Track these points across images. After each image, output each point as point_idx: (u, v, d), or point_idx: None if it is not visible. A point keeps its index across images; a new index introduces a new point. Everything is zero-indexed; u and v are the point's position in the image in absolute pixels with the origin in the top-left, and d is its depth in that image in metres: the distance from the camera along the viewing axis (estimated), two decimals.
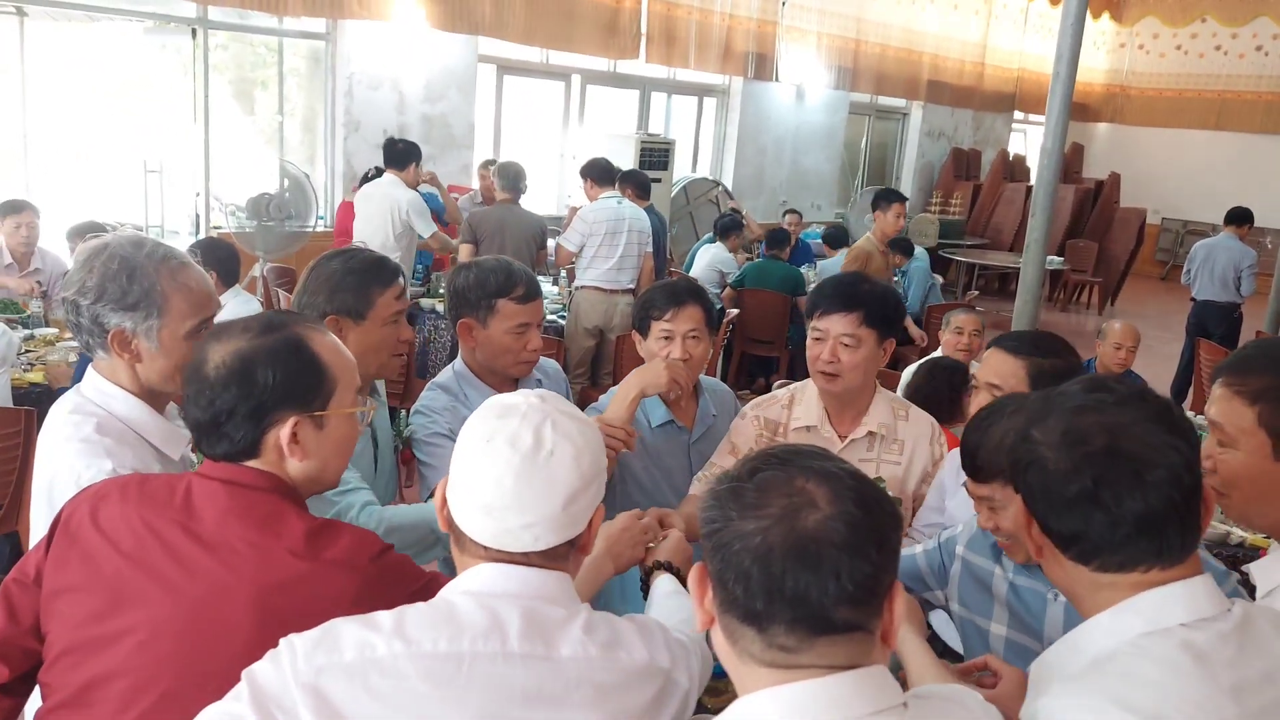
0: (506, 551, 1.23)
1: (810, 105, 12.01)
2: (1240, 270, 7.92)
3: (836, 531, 0.97)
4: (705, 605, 1.06)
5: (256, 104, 8.49)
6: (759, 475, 1.03)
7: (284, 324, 1.47)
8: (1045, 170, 5.17)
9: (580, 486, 1.24)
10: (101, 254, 1.72)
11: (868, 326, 2.34)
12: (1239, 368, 1.48)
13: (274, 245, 6.78)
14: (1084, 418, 1.16)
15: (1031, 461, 1.18)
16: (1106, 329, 5.01)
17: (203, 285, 1.80)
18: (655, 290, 2.52)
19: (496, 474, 1.21)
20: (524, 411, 1.25)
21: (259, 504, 1.39)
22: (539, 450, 1.22)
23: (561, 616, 1.23)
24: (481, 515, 1.22)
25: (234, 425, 1.40)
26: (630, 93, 10.65)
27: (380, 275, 2.13)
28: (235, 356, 1.41)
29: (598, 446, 1.29)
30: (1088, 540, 1.14)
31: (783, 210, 10.32)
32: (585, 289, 5.99)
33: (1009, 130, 15.76)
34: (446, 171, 8.33)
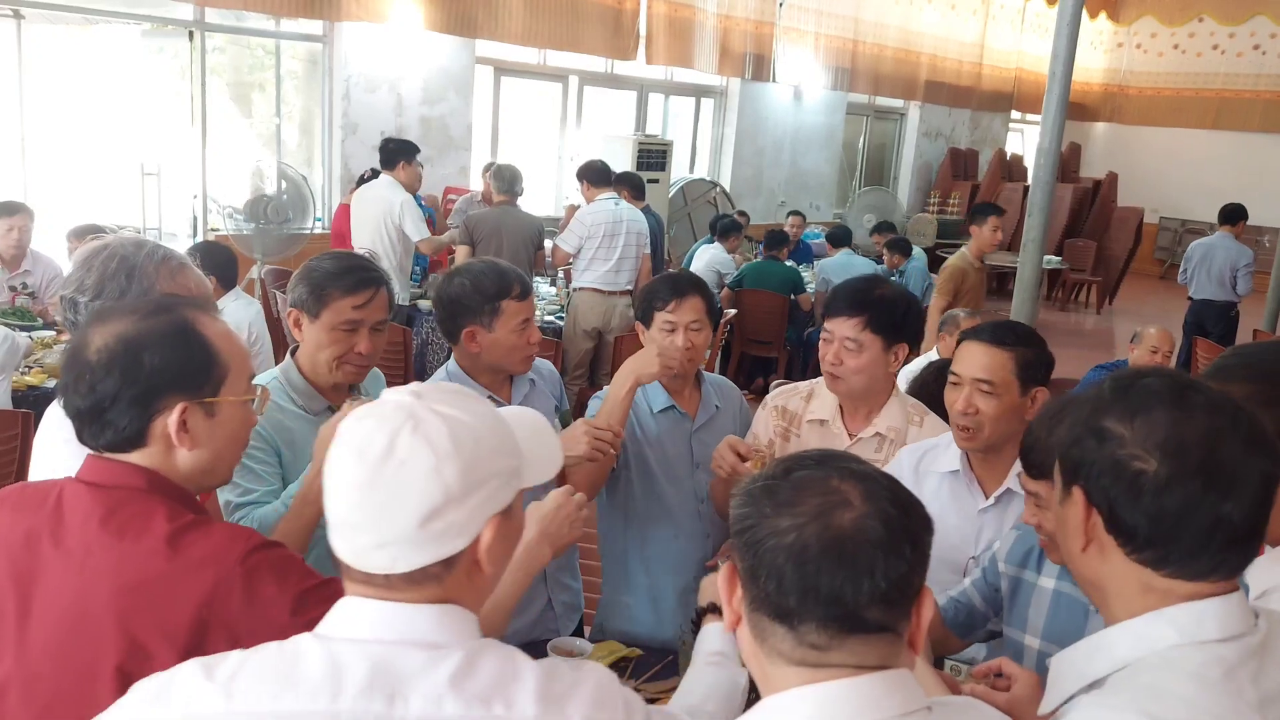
0: (366, 574, 1.07)
1: (808, 106, 12.02)
2: (1237, 269, 7.93)
3: (872, 529, 0.97)
4: (734, 604, 1.05)
5: (254, 106, 8.49)
6: (794, 474, 1.03)
7: (172, 307, 1.40)
8: (1042, 170, 5.18)
9: (443, 501, 1.04)
10: (101, 253, 1.72)
11: (872, 332, 2.35)
12: (1221, 375, 1.47)
13: (271, 248, 6.78)
14: (1185, 424, 1.09)
15: (1115, 462, 1.11)
16: (1142, 334, 4.99)
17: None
18: (658, 281, 2.56)
19: (341, 487, 1.07)
20: (386, 411, 1.07)
21: (126, 505, 1.31)
22: (388, 458, 1.04)
23: (420, 663, 1.04)
24: (335, 533, 1.08)
25: (117, 412, 1.32)
26: (628, 94, 10.65)
27: (343, 279, 2.10)
28: (118, 339, 1.33)
29: (487, 449, 1.09)
30: (1175, 547, 1.09)
31: (786, 212, 10.32)
32: (583, 290, 6.00)
33: (1006, 130, 15.77)
34: (445, 173, 8.33)
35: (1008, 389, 2.07)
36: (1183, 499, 1.07)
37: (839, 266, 7.86)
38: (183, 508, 1.34)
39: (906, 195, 13.72)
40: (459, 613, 1.10)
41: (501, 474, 1.10)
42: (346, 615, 1.08)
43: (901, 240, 8.69)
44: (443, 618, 1.08)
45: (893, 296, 2.43)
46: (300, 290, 2.12)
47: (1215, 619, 1.09)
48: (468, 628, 1.10)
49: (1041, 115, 5.03)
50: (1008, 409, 2.07)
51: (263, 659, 1.06)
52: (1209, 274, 8.05)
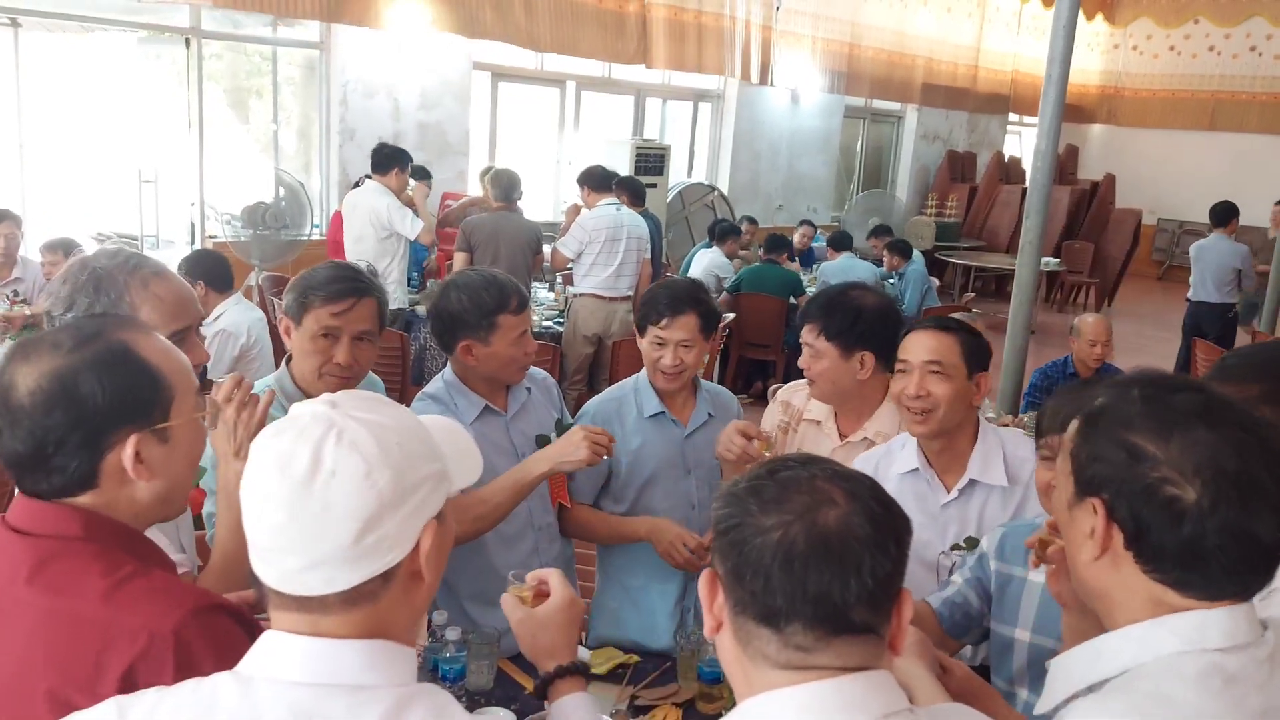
0: (300, 599, 1.00)
1: (805, 109, 12.03)
2: (1239, 269, 7.89)
3: (859, 526, 0.97)
4: (714, 610, 1.04)
5: (251, 113, 8.49)
6: (779, 474, 1.03)
7: (99, 331, 1.26)
8: (1039, 172, 5.19)
9: (378, 509, 0.98)
10: (75, 267, 1.71)
11: (826, 339, 2.42)
12: (1222, 376, 1.47)
13: (269, 254, 6.78)
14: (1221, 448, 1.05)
15: (1149, 486, 1.07)
16: (1079, 326, 4.98)
17: (176, 294, 1.74)
18: (660, 292, 2.55)
19: (266, 507, 0.99)
20: (304, 424, 1.00)
21: (58, 558, 1.18)
22: (316, 473, 0.97)
23: (342, 709, 0.96)
24: (259, 560, 1.01)
25: (65, 456, 1.20)
26: (625, 98, 10.66)
27: (325, 287, 2.11)
28: (51, 377, 1.20)
29: (413, 452, 1.03)
30: (1204, 573, 1.06)
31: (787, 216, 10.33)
32: (584, 296, 5.99)
33: (1004, 132, 15.78)
34: (442, 179, 8.33)
35: (957, 371, 2.13)
36: (1220, 528, 1.04)
37: (840, 270, 7.86)
38: (124, 554, 1.22)
39: (904, 198, 13.74)
40: (391, 650, 1.02)
41: (431, 478, 1.05)
42: (269, 652, 1.01)
43: (901, 243, 8.70)
44: (373, 656, 1.00)
45: (852, 304, 2.46)
46: (288, 297, 2.15)
47: (1219, 628, 1.07)
48: (400, 667, 1.03)
49: (1039, 116, 5.05)
50: (958, 391, 2.13)
51: (177, 702, 1.00)
52: (1204, 275, 8.05)
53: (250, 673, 1.00)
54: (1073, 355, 5.06)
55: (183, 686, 1.02)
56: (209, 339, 4.17)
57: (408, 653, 1.06)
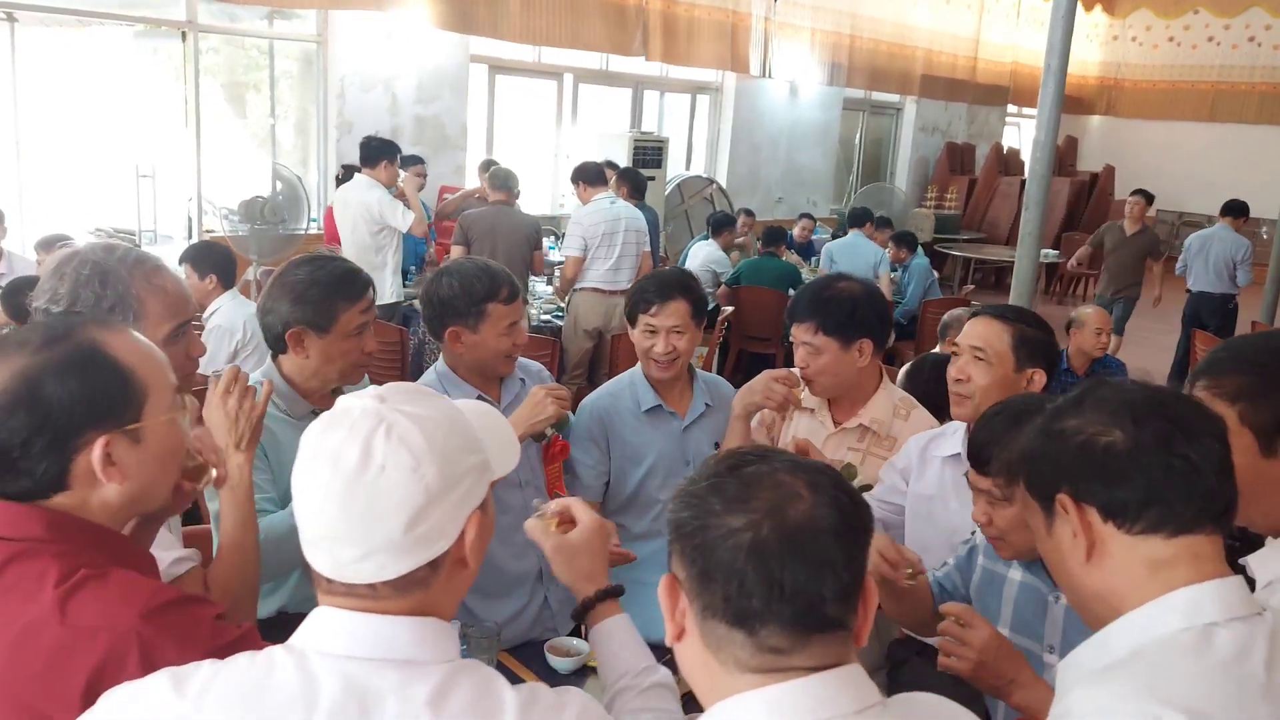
0: (349, 585, 1.04)
1: (804, 101, 12.00)
2: (1236, 261, 7.93)
3: (828, 518, 0.95)
4: (676, 616, 1.00)
5: (249, 107, 8.46)
6: (741, 470, 0.99)
7: (69, 331, 1.23)
8: (1038, 163, 5.17)
9: (426, 502, 1.02)
10: (71, 261, 1.68)
11: (825, 334, 2.41)
12: (1213, 370, 1.48)
13: (267, 248, 6.76)
14: (1128, 393, 1.17)
15: (1082, 445, 1.16)
16: (1080, 316, 5.02)
17: (178, 288, 1.75)
18: (649, 280, 2.56)
19: (317, 501, 1.02)
20: (354, 419, 1.03)
21: (16, 561, 1.16)
22: (366, 467, 1.01)
23: (396, 683, 1.00)
24: (314, 549, 1.04)
25: (31, 459, 1.17)
26: (623, 91, 10.64)
27: (347, 289, 2.11)
28: (17, 378, 1.17)
29: (457, 445, 1.06)
30: (1168, 494, 1.12)
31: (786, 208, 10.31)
32: (584, 290, 5.98)
33: (1003, 124, 15.76)
34: (440, 172, 8.31)
35: (1001, 360, 2.10)
36: (1155, 445, 1.12)
37: (845, 248, 7.78)
38: (90, 554, 1.19)
39: (904, 190, 13.72)
40: (438, 626, 1.06)
41: (474, 469, 1.09)
42: (321, 627, 1.04)
43: (908, 234, 8.62)
44: (422, 632, 1.04)
45: (843, 295, 2.46)
46: (299, 311, 2.08)
47: (1214, 601, 1.11)
48: (447, 644, 1.07)
49: (1038, 107, 5.03)
50: (999, 380, 2.10)
51: (234, 673, 1.02)
52: (1207, 265, 8.05)
53: (303, 646, 1.03)
54: (1068, 349, 5.04)
55: (239, 659, 1.04)
56: (206, 336, 4.15)
57: (452, 630, 1.09)
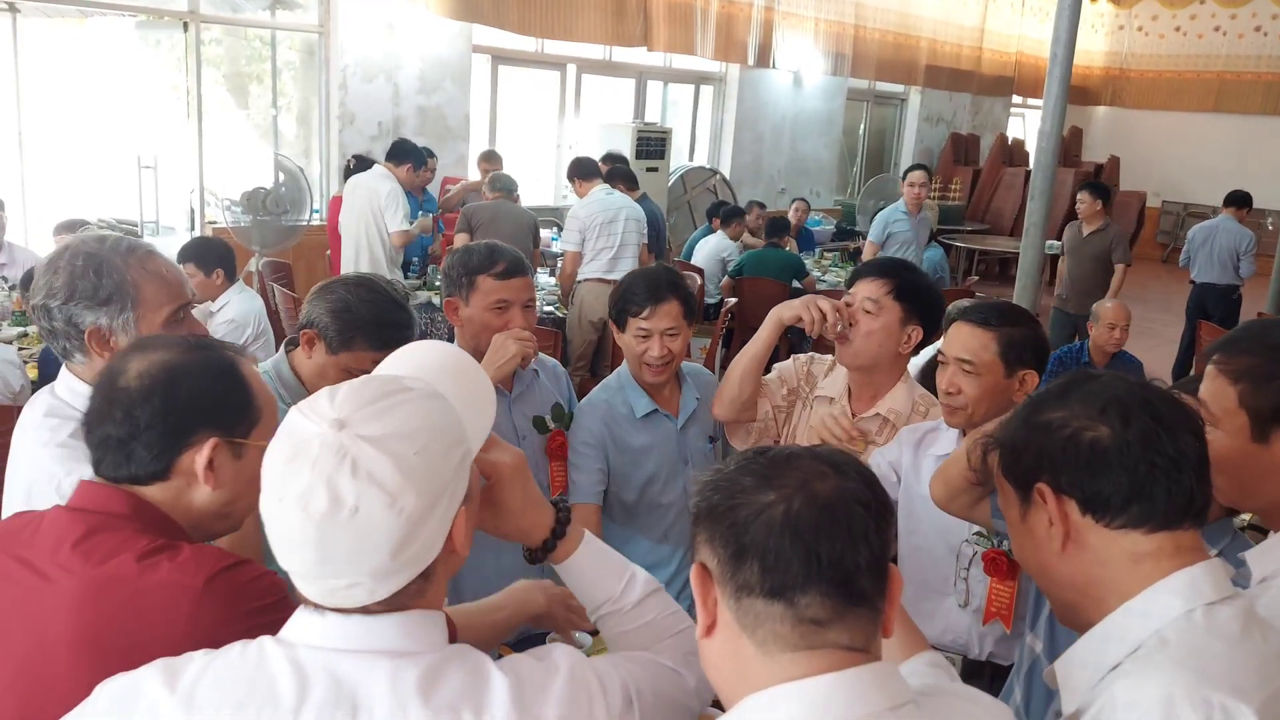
0: (342, 609, 1.03)
1: (808, 92, 11.96)
2: (1240, 252, 7.90)
3: (858, 492, 0.98)
4: (709, 605, 0.99)
5: (251, 97, 8.45)
6: (767, 452, 1.03)
7: (213, 345, 1.39)
8: (1044, 154, 5.15)
9: (408, 531, 0.99)
10: (64, 254, 1.69)
11: (894, 298, 2.34)
12: (1227, 347, 1.47)
13: (270, 239, 6.75)
14: (1113, 387, 1.18)
15: (1068, 439, 1.16)
16: (1099, 311, 5.03)
17: (173, 273, 1.76)
18: (635, 281, 2.47)
19: (295, 542, 0.99)
20: (314, 456, 0.98)
21: (102, 529, 1.25)
22: (338, 511, 0.96)
23: (385, 673, 1.00)
24: (299, 579, 1.03)
25: (147, 442, 1.27)
26: (626, 81, 10.60)
27: (374, 333, 2.06)
28: (161, 367, 1.29)
29: (435, 454, 1.01)
30: (1152, 491, 1.13)
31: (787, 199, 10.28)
32: (588, 281, 5.97)
33: (1007, 114, 15.69)
34: (443, 163, 8.28)
35: (989, 369, 2.06)
36: (1142, 443, 1.13)
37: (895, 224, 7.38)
38: (160, 535, 1.27)
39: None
40: (427, 617, 1.06)
41: (455, 468, 1.05)
42: (309, 623, 1.04)
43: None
44: (411, 623, 1.04)
45: (926, 281, 2.46)
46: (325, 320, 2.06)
47: (1209, 580, 1.13)
48: (435, 632, 1.06)
49: (1044, 97, 5.00)
50: (990, 389, 2.06)
51: (224, 666, 1.03)
52: (1211, 257, 8.02)
53: (293, 639, 1.03)
54: (1089, 342, 5.05)
55: (230, 650, 1.04)
56: (219, 330, 4.15)
57: (439, 617, 1.08)
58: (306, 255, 7.31)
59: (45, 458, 1.61)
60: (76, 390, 1.69)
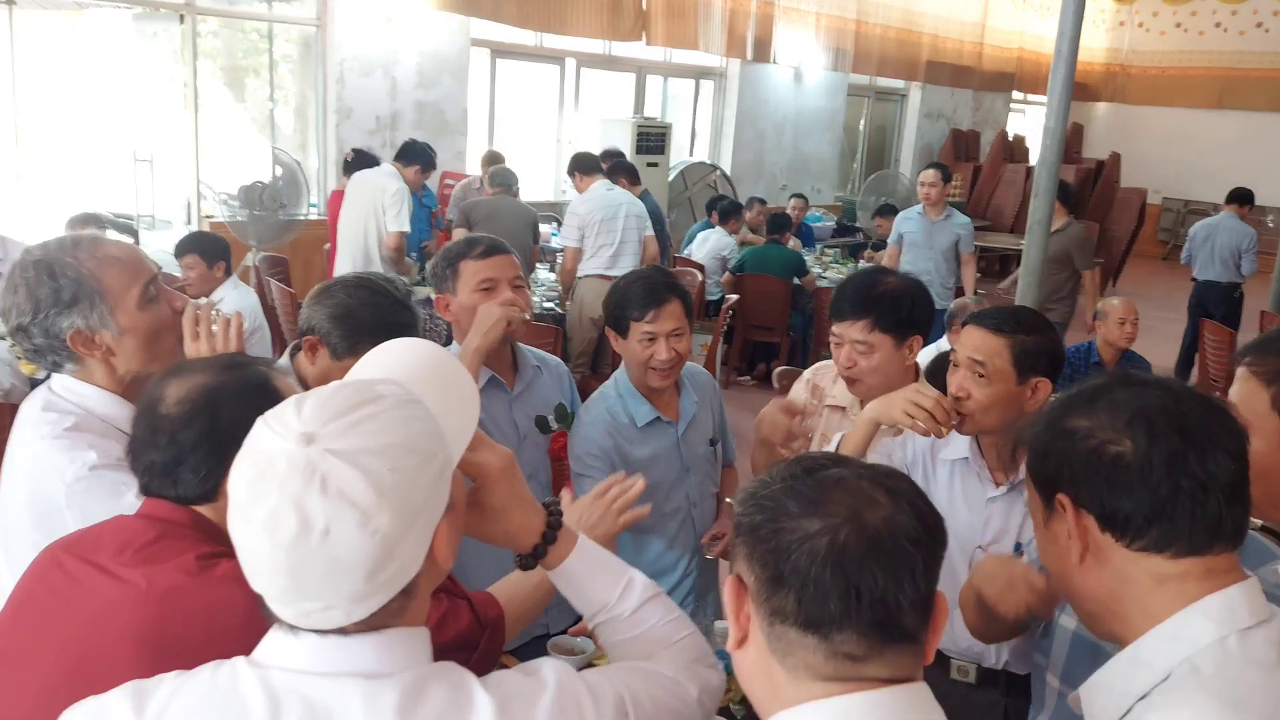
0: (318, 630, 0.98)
1: (809, 88, 11.91)
2: (1241, 250, 7.87)
3: (909, 526, 0.92)
4: (741, 620, 0.97)
5: (248, 91, 8.39)
6: (818, 474, 0.97)
7: (247, 363, 1.40)
8: (1048, 150, 5.10)
9: (384, 551, 0.93)
10: (15, 273, 1.68)
11: (881, 332, 2.29)
12: (1262, 348, 1.42)
13: (267, 234, 6.70)
14: (1143, 398, 1.11)
15: (1090, 451, 1.10)
16: (1105, 308, 4.98)
17: (128, 252, 1.74)
18: (632, 285, 2.40)
19: (265, 567, 0.95)
20: (281, 476, 0.92)
21: (166, 535, 1.29)
22: (308, 535, 0.91)
23: (362, 696, 0.96)
24: (273, 602, 0.98)
25: (193, 466, 1.30)
26: (626, 76, 10.55)
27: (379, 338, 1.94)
28: (200, 391, 1.32)
29: (410, 466, 0.96)
30: (1175, 517, 1.06)
31: (788, 195, 10.23)
32: (589, 278, 5.92)
33: (1008, 111, 15.65)
34: (441, 159, 8.19)
35: (1000, 375, 2.00)
36: (1167, 462, 1.06)
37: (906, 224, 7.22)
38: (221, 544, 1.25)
39: (907, 177, 13.63)
40: (405, 635, 1.01)
41: (433, 479, 0.99)
42: (281, 644, 1.00)
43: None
44: (389, 642, 0.99)
45: (898, 290, 2.34)
46: (326, 325, 2.02)
47: (1244, 604, 1.07)
48: (417, 649, 1.02)
49: (1047, 95, 4.96)
50: (1000, 396, 2.00)
51: (194, 690, 1.00)
52: (1213, 255, 7.98)
53: (266, 660, 0.99)
54: (1097, 341, 5.01)
55: (201, 672, 1.01)
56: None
57: (420, 633, 1.03)
58: (303, 250, 7.25)
59: (47, 449, 1.60)
60: (72, 387, 1.69)
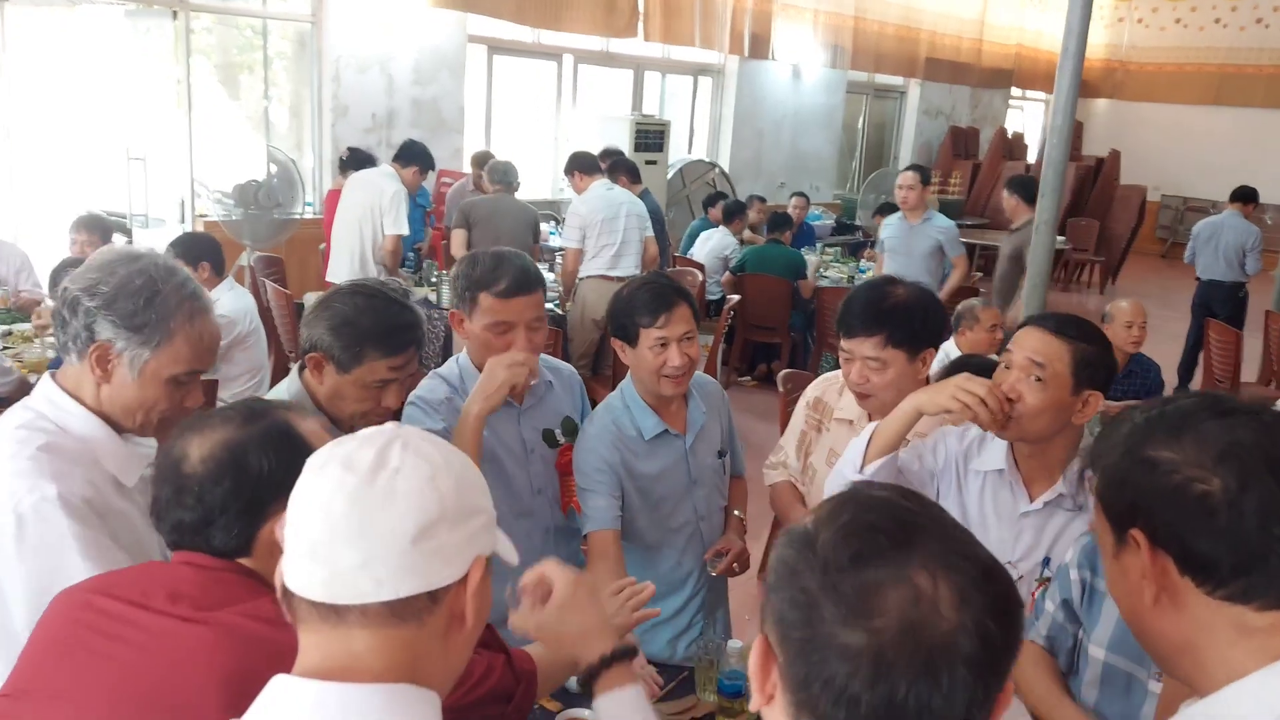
0: (339, 610, 0.95)
1: (807, 85, 11.83)
2: (1246, 249, 7.80)
3: (969, 647, 0.77)
4: (768, 687, 0.85)
5: (242, 88, 8.30)
6: (865, 569, 0.80)
7: (266, 411, 1.37)
8: (1054, 149, 5.02)
9: (439, 514, 0.96)
10: (129, 264, 1.61)
11: (893, 347, 2.21)
12: None
13: (262, 233, 6.61)
14: (1235, 430, 1.00)
15: (1174, 490, 1.00)
16: (1113, 310, 4.85)
17: (212, 340, 1.69)
18: (638, 292, 2.30)
19: (325, 500, 0.95)
20: (368, 434, 1.01)
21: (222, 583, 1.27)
22: (381, 467, 0.96)
23: None
24: (308, 560, 0.96)
25: (225, 524, 1.28)
26: (624, 73, 10.46)
27: (383, 341, 1.95)
28: (223, 447, 1.30)
29: (471, 482, 1.02)
30: (1264, 568, 0.97)
31: (786, 193, 10.16)
32: (591, 279, 5.84)
33: (1006, 107, 15.59)
34: (437, 156, 8.10)
35: (1058, 381, 1.90)
36: (1259, 508, 0.96)
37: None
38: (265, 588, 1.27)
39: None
40: (416, 695, 0.96)
41: (485, 511, 1.04)
42: (283, 698, 0.94)
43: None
44: (400, 700, 0.94)
45: (909, 302, 2.25)
46: (328, 339, 1.95)
47: None
48: (425, 712, 0.96)
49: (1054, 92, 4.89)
50: (1053, 403, 1.90)
51: None
52: (1217, 253, 7.91)
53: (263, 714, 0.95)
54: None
55: None
56: None
57: (434, 698, 0.98)
58: (299, 250, 7.17)
59: (7, 472, 1.51)
60: (55, 401, 1.61)
